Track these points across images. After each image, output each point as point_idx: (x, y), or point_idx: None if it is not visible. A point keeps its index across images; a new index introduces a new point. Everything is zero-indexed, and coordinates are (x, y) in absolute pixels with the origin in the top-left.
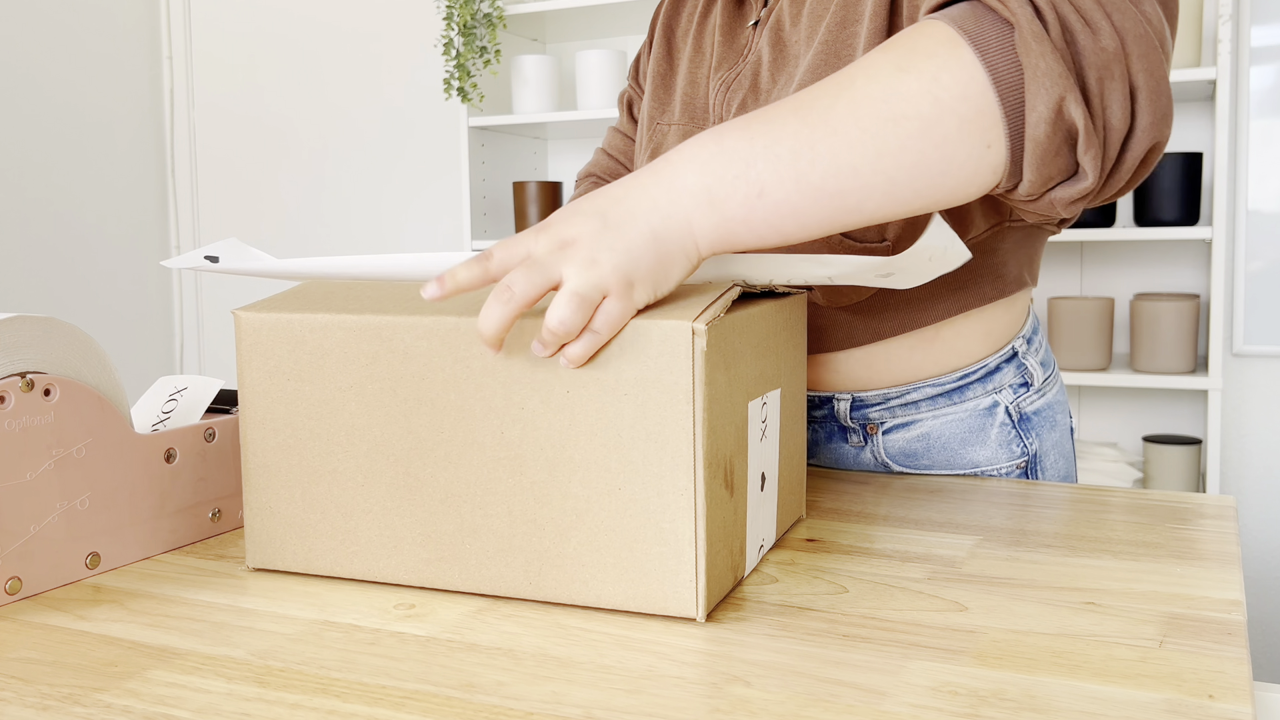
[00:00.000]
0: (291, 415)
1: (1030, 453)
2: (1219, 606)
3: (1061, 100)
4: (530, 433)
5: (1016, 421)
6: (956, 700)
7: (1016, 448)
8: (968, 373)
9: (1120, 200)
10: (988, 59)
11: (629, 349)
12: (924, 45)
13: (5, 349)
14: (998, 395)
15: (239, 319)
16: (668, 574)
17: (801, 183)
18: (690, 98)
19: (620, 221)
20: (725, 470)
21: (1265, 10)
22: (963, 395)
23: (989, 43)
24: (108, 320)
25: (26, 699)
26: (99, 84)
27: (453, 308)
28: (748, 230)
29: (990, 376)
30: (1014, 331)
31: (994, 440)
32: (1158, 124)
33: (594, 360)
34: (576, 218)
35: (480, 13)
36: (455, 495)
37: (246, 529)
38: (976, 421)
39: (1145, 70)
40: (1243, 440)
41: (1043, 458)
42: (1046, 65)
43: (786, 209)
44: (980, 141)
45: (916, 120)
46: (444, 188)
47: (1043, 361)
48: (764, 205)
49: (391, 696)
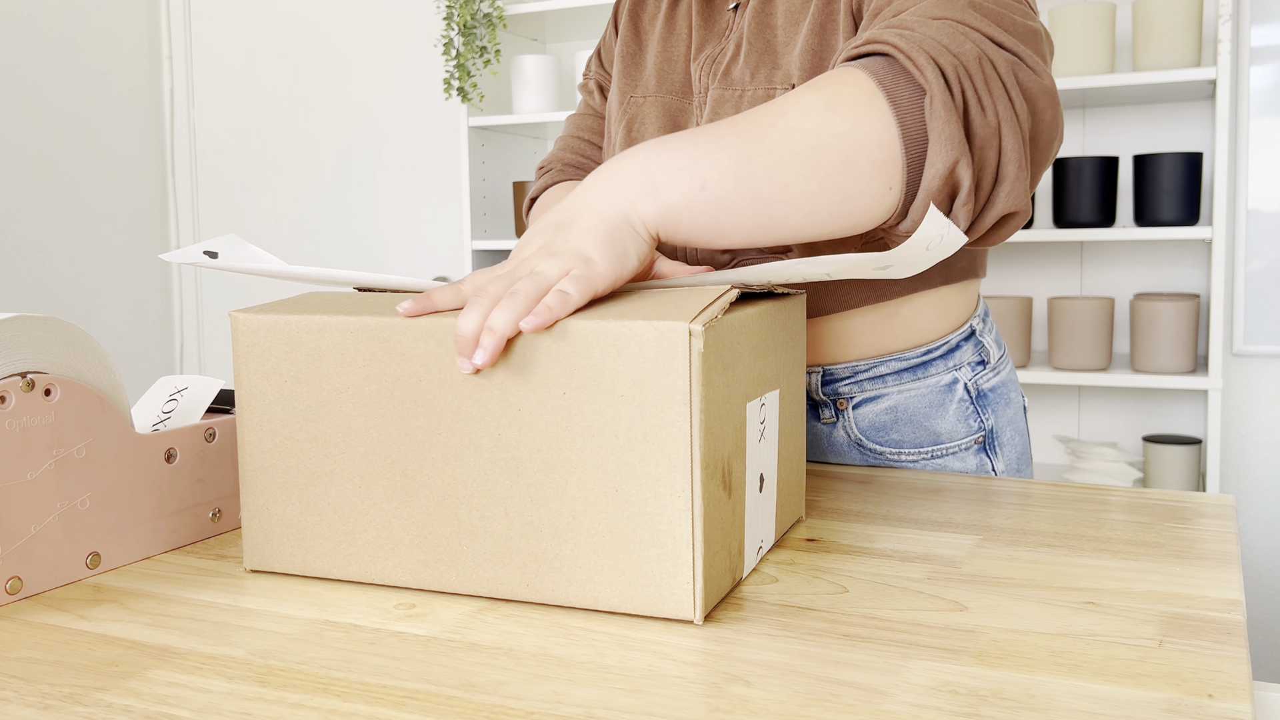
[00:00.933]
0: (289, 417)
1: (987, 427)
2: (1219, 606)
3: (955, 163)
4: (527, 434)
5: (974, 398)
6: (956, 700)
7: (974, 422)
8: (930, 349)
9: (1120, 200)
10: (900, 116)
11: (625, 350)
12: (849, 93)
13: (5, 349)
14: (957, 372)
15: (236, 320)
16: (665, 576)
17: (740, 185)
18: (665, 73)
19: (569, 220)
20: (723, 472)
21: (1265, 10)
22: (926, 371)
23: (903, 102)
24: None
25: (27, 698)
26: (99, 84)
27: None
28: (689, 219)
29: (951, 354)
30: (969, 311)
31: (953, 415)
32: (1017, 195)
33: (590, 361)
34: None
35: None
36: (452, 497)
37: (244, 530)
38: (938, 397)
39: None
40: (1243, 440)
41: (999, 433)
42: (950, 132)
43: (725, 206)
44: (884, 183)
45: (840, 154)
46: (444, 188)
47: (996, 341)
48: (705, 198)
49: (392, 696)
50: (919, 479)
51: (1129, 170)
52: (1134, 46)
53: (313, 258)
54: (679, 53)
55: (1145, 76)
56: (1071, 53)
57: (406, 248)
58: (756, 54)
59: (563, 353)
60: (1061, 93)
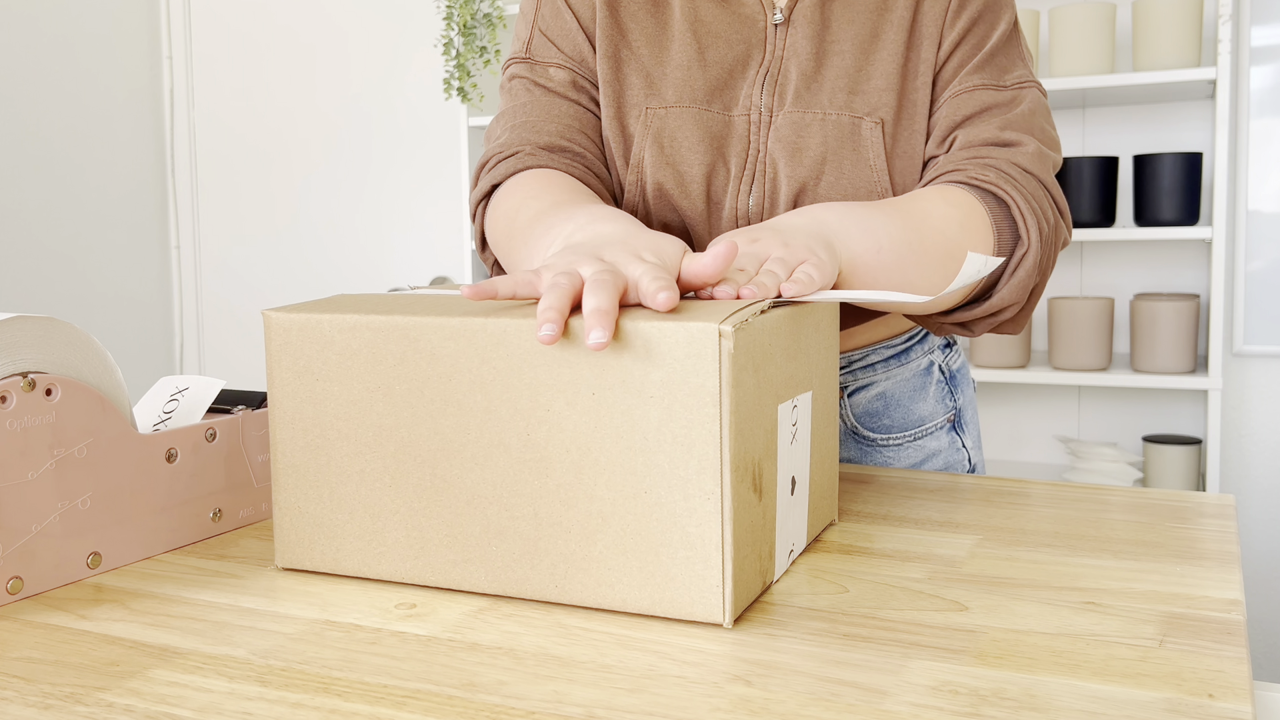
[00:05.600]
0: (320, 415)
1: (957, 406)
2: (1219, 606)
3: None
4: (556, 435)
5: (948, 378)
6: (957, 699)
7: (949, 402)
8: (911, 335)
9: (1120, 200)
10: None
11: (656, 351)
12: (975, 224)
13: (6, 349)
14: (932, 355)
15: (269, 319)
16: (694, 579)
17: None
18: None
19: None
20: (753, 474)
21: (1265, 10)
22: (908, 356)
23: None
24: (108, 320)
25: (28, 698)
26: (99, 84)
27: (480, 309)
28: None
29: (927, 337)
30: None
31: (932, 396)
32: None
33: (620, 362)
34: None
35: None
36: (481, 497)
37: (276, 529)
38: (919, 380)
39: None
40: (1243, 440)
41: (964, 410)
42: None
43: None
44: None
45: (956, 265)
46: (444, 188)
47: None
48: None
49: (393, 696)
50: (919, 479)
51: (1129, 170)
52: (1134, 46)
53: (313, 257)
54: (687, 58)
55: (1145, 76)
56: (1071, 53)
57: (406, 248)
58: (831, 81)
59: (592, 353)
60: (1061, 93)
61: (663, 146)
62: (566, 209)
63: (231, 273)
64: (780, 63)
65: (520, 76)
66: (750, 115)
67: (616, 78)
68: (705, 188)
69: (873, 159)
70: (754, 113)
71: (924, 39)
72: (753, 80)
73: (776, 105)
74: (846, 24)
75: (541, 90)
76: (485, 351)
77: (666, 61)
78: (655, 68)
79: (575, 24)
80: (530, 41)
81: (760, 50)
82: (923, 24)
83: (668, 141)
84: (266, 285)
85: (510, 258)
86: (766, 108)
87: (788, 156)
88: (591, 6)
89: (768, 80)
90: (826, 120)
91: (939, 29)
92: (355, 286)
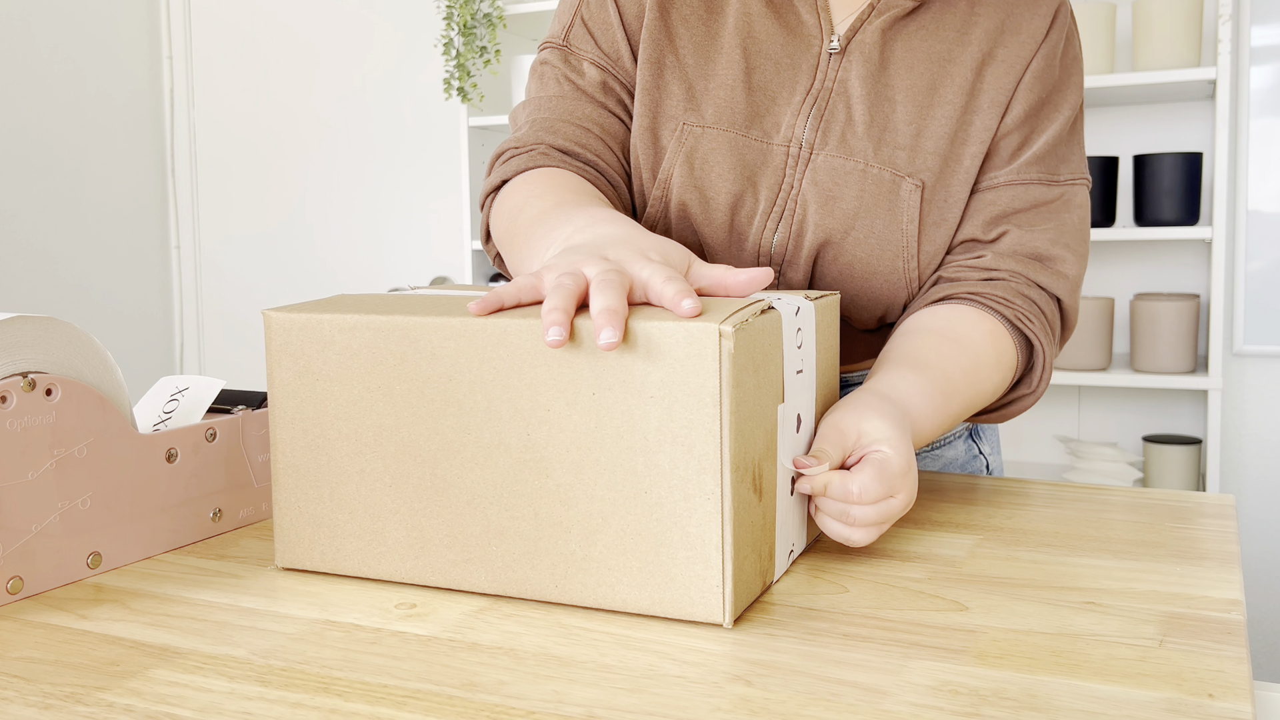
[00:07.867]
0: (320, 415)
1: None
2: (1219, 606)
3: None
4: (556, 435)
5: None
6: (957, 699)
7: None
8: None
9: (1120, 200)
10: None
11: (656, 351)
12: (1006, 361)
13: (6, 349)
14: None
15: (269, 319)
16: (694, 579)
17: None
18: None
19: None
20: (754, 474)
21: (1265, 10)
22: None
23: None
24: (108, 320)
25: (29, 698)
26: (99, 85)
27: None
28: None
29: None
30: None
31: None
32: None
33: (621, 362)
34: None
35: (480, 13)
36: (481, 497)
37: (276, 528)
38: None
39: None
40: (1242, 440)
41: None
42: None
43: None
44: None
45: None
46: (444, 188)
47: None
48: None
49: (393, 696)
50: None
51: (1129, 170)
52: (1134, 46)
53: (313, 257)
54: (732, 78)
55: (1145, 76)
56: None
57: (406, 248)
58: (879, 130)
59: (593, 353)
60: None
61: (693, 166)
62: (568, 210)
63: (232, 273)
64: (829, 95)
65: (553, 64)
66: (790, 149)
67: (657, 85)
68: (730, 216)
69: (906, 222)
70: (794, 145)
71: (986, 105)
72: (798, 108)
73: (819, 143)
74: (905, 70)
75: (571, 85)
76: (485, 351)
77: (711, 76)
78: (699, 80)
79: (618, 20)
80: (570, 28)
81: (810, 77)
82: (986, 89)
83: (699, 163)
84: (267, 285)
85: (512, 256)
86: (808, 142)
87: (820, 203)
88: (641, 5)
89: (814, 112)
90: (867, 174)
91: (1006, 98)
92: (355, 287)
